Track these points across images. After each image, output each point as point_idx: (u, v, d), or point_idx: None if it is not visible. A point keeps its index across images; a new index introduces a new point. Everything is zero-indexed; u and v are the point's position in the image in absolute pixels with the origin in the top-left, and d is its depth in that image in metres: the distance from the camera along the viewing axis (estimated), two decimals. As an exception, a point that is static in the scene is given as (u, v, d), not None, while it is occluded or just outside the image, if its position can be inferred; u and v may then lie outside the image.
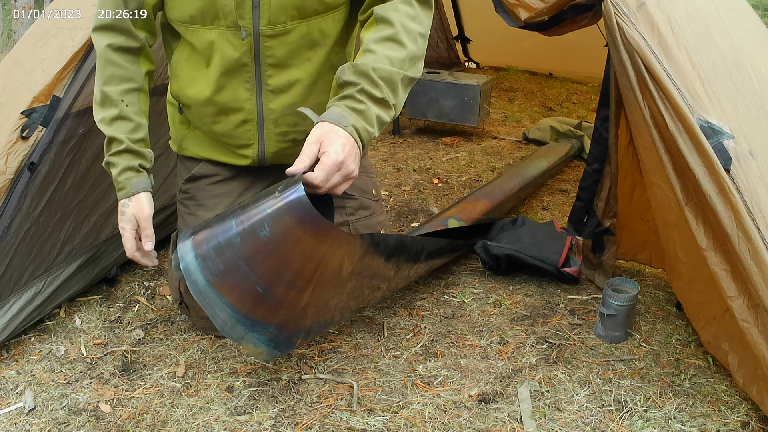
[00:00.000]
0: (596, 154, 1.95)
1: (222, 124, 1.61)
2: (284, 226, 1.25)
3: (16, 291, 1.76)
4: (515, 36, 2.95)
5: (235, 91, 1.54)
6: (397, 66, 1.30)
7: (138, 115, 1.53)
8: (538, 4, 1.80)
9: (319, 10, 1.47)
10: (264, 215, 1.26)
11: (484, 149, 3.58)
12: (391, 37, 1.32)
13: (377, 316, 1.96)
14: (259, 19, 1.44)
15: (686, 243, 1.66)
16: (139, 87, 1.54)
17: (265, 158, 1.66)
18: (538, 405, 1.60)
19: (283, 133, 1.62)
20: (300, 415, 1.56)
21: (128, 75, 1.52)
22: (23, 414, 1.56)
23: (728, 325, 1.59)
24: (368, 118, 1.28)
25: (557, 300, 2.06)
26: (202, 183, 1.75)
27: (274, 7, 1.44)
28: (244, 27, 1.45)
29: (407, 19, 1.35)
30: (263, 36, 1.47)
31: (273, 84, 1.54)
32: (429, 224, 2.23)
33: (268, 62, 1.51)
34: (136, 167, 1.51)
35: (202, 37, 1.49)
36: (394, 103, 1.32)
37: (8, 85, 1.83)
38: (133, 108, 1.52)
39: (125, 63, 1.51)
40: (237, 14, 1.43)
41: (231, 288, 1.33)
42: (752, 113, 1.53)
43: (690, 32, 1.55)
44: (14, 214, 1.70)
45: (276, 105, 1.56)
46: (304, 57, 1.53)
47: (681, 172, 1.53)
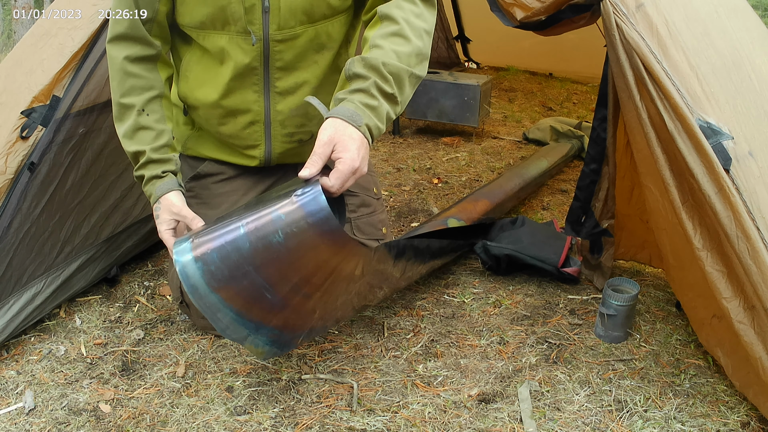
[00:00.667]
0: (594, 155, 1.95)
1: (229, 126, 1.61)
2: (301, 234, 1.22)
3: (16, 291, 1.76)
4: (515, 36, 2.94)
5: (244, 94, 1.55)
6: (404, 62, 1.30)
7: (160, 122, 1.52)
8: (535, 4, 1.80)
9: (327, 14, 1.49)
10: (279, 222, 1.22)
11: (484, 149, 3.58)
12: (396, 32, 1.32)
13: (377, 316, 1.96)
14: (269, 24, 1.45)
15: (676, 248, 1.67)
16: (160, 94, 1.53)
17: (271, 159, 1.67)
18: (538, 405, 1.60)
19: (290, 134, 1.63)
20: (300, 415, 1.56)
21: (149, 84, 1.51)
22: (23, 414, 1.56)
23: (716, 331, 1.60)
24: (380, 114, 1.27)
25: (557, 300, 2.06)
26: (207, 181, 1.76)
27: (284, 13, 1.44)
28: (254, 32, 1.45)
29: (411, 16, 1.36)
30: (273, 41, 1.48)
31: (281, 86, 1.55)
32: (429, 224, 2.23)
33: (277, 65, 1.52)
34: (159, 174, 1.50)
35: (213, 42, 1.50)
36: (400, 99, 1.32)
37: (9, 85, 1.84)
38: (155, 116, 1.51)
39: (144, 72, 1.50)
40: (247, 20, 1.44)
41: (236, 293, 1.30)
42: (752, 113, 1.53)
43: (688, 33, 1.55)
44: (14, 214, 1.70)
45: (283, 107, 1.57)
46: (311, 60, 1.54)
47: (678, 173, 1.52)
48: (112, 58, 1.49)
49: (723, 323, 1.53)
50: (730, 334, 1.49)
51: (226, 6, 1.43)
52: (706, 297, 1.57)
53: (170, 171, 1.52)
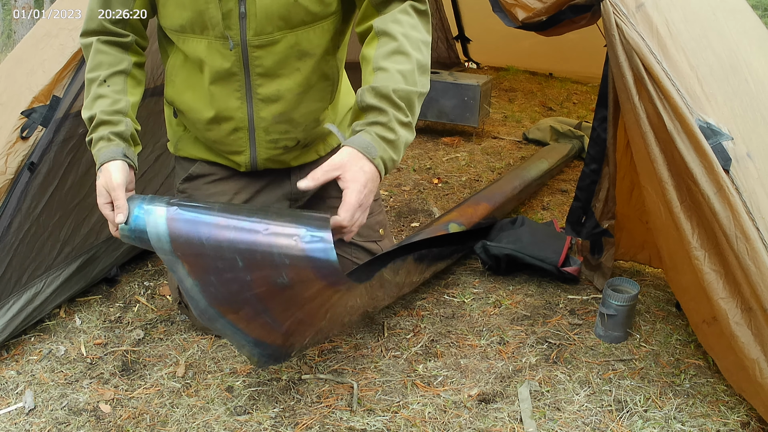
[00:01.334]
0: (594, 155, 1.95)
1: (214, 132, 1.61)
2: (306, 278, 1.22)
3: (16, 291, 1.76)
4: (515, 36, 2.94)
5: (227, 100, 1.54)
6: (410, 82, 1.28)
7: (119, 93, 1.46)
8: (536, 4, 1.80)
9: (307, 21, 1.46)
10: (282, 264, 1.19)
11: (484, 149, 3.58)
12: (396, 50, 1.30)
13: (377, 316, 1.96)
14: (246, 29, 1.44)
15: (671, 250, 1.67)
16: (125, 70, 1.49)
17: (257, 164, 1.67)
18: (538, 405, 1.60)
19: (274, 140, 1.62)
20: (300, 415, 1.56)
21: (116, 60, 1.48)
22: (23, 414, 1.56)
23: (707, 336, 1.60)
24: (396, 147, 1.25)
25: (557, 300, 2.06)
26: (199, 182, 1.76)
27: (260, 18, 1.42)
28: (232, 38, 1.44)
29: (409, 29, 1.34)
30: (251, 46, 1.46)
31: (263, 93, 1.53)
32: (430, 228, 2.22)
33: (257, 72, 1.50)
34: (107, 137, 1.39)
35: (192, 46, 1.49)
36: (413, 123, 1.31)
37: (10, 86, 1.84)
38: (116, 87, 1.45)
39: (114, 51, 1.48)
40: (224, 25, 1.43)
41: (235, 312, 1.30)
42: (749, 116, 1.53)
43: (687, 34, 1.55)
44: (14, 214, 1.70)
45: (266, 113, 1.56)
46: (293, 67, 1.52)
47: (676, 173, 1.52)
48: (85, 45, 1.49)
49: (713, 329, 1.53)
50: (721, 339, 1.49)
51: (204, 11, 1.42)
52: (698, 301, 1.57)
53: (118, 133, 1.41)
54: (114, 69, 1.47)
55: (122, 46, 1.51)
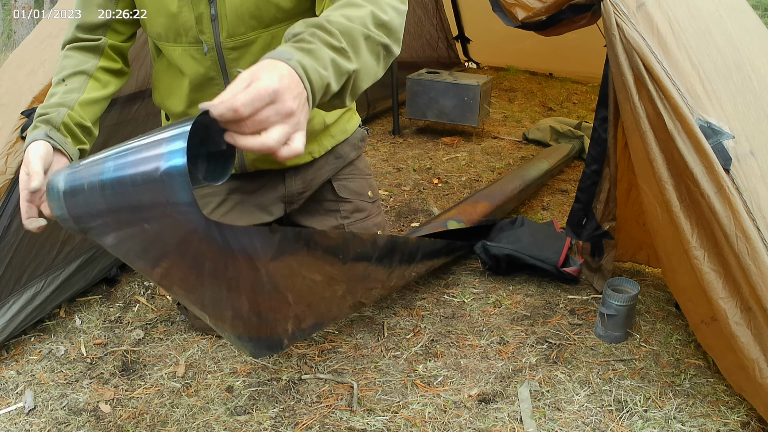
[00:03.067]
0: (595, 156, 1.95)
1: None
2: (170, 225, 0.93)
3: (16, 291, 1.76)
4: (515, 36, 2.95)
5: None
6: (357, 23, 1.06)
7: (72, 91, 1.38)
8: (536, 4, 1.80)
9: (279, 17, 1.42)
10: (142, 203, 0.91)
11: (484, 149, 3.58)
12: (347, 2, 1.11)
13: (377, 316, 1.96)
14: (219, 32, 1.42)
15: (668, 251, 1.67)
16: (86, 70, 1.43)
17: (245, 166, 1.67)
18: (538, 405, 1.60)
19: None
20: (300, 415, 1.56)
21: (79, 63, 1.44)
22: (23, 414, 1.56)
23: (706, 336, 1.60)
24: (319, 58, 0.97)
25: (557, 300, 2.06)
26: None
27: (231, 19, 1.40)
28: (206, 41, 1.43)
29: None
30: (225, 48, 1.45)
31: None
32: (429, 225, 2.23)
33: (235, 74, 1.48)
34: (35, 125, 1.27)
35: (172, 52, 1.49)
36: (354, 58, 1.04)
37: (11, 87, 1.84)
38: (72, 86, 1.38)
39: (79, 55, 1.45)
40: (197, 29, 1.42)
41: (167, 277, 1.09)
42: (752, 114, 1.53)
43: (690, 31, 1.55)
44: (14, 214, 1.70)
45: None
46: None
47: (676, 173, 1.52)
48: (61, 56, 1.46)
49: (712, 329, 1.53)
50: (720, 339, 1.49)
51: (177, 15, 1.41)
52: (696, 301, 1.57)
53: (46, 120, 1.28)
54: (75, 69, 1.43)
55: (91, 49, 1.48)
